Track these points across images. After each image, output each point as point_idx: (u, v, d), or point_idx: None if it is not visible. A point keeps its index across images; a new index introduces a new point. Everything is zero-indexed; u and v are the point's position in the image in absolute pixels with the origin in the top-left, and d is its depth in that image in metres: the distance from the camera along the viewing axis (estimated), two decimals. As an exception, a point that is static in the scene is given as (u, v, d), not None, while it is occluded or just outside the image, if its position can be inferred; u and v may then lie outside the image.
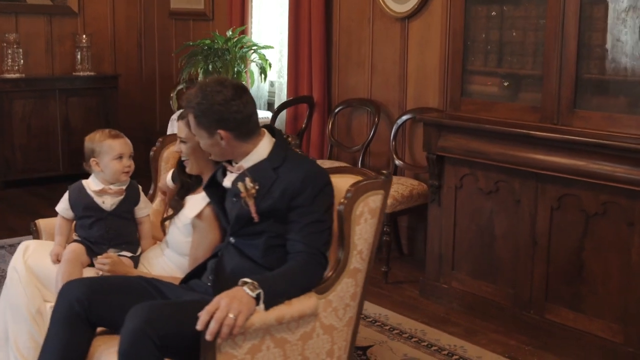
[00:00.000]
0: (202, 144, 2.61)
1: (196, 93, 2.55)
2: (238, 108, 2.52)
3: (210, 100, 2.51)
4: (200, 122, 2.54)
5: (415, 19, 4.82)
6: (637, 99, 3.40)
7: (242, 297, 2.23)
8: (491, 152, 3.78)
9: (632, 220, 3.30)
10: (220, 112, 2.50)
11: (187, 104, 2.58)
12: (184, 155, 2.84)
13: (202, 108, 2.52)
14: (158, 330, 2.24)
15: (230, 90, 2.53)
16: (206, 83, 2.57)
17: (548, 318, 3.67)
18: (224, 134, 2.53)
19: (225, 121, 2.52)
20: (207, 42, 5.59)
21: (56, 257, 2.88)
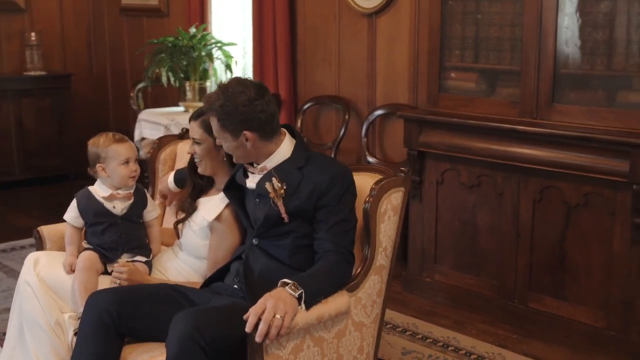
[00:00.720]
0: (226, 146, 2.60)
1: (218, 95, 2.54)
2: (262, 107, 2.53)
3: (234, 102, 2.50)
4: (224, 124, 2.53)
5: (383, 14, 4.87)
6: (614, 93, 3.54)
7: (286, 298, 2.24)
8: (474, 147, 3.86)
9: (614, 210, 3.43)
10: (245, 112, 2.50)
11: (209, 106, 2.56)
12: (198, 157, 2.82)
13: (227, 110, 2.51)
14: (206, 336, 2.25)
15: (252, 90, 2.54)
16: (227, 85, 2.57)
17: (532, 307, 3.78)
18: (250, 135, 2.53)
19: (250, 122, 2.52)
20: (170, 40, 5.52)
21: (70, 267, 2.84)
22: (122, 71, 7.11)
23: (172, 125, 5.27)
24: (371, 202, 2.55)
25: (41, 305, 2.75)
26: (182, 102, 5.60)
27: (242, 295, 2.58)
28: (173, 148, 3.49)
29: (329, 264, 2.46)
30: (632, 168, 3.29)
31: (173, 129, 5.25)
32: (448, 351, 3.55)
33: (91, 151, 2.92)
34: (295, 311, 2.26)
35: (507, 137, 3.74)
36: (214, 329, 2.29)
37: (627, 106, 3.48)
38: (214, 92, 2.59)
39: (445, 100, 4.10)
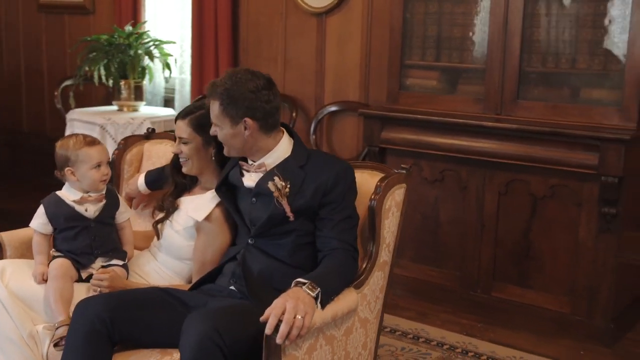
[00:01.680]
0: (223, 134, 2.53)
1: (225, 80, 2.49)
2: (268, 98, 2.50)
3: (241, 87, 2.46)
4: (226, 108, 2.47)
5: (334, 14, 4.92)
6: (578, 90, 3.73)
7: (304, 298, 2.18)
8: (439, 142, 3.96)
9: (580, 201, 3.61)
10: (251, 99, 2.46)
11: (212, 90, 2.50)
12: (185, 156, 2.73)
13: (232, 94, 2.45)
14: (224, 337, 2.17)
15: (262, 79, 2.51)
16: (236, 71, 2.52)
17: (495, 296, 3.91)
18: (251, 122, 2.48)
19: (254, 110, 2.47)
20: (104, 37, 5.35)
21: (42, 276, 2.67)
22: (38, 70, 6.81)
23: (108, 124, 5.10)
24: (377, 199, 2.55)
25: (12, 318, 2.57)
26: (116, 101, 5.42)
27: (240, 296, 2.49)
28: (139, 149, 3.34)
29: (338, 261, 2.43)
30: (601, 161, 3.47)
31: (109, 129, 5.09)
32: (420, 343, 3.60)
33: (59, 154, 2.75)
34: (314, 311, 2.21)
35: (472, 132, 3.86)
36: (231, 329, 2.21)
37: (590, 102, 3.67)
38: (220, 79, 2.53)
39: (405, 97, 4.19)
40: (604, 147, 3.46)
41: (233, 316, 2.27)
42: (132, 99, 5.37)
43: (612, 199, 3.48)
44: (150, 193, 3.08)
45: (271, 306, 2.15)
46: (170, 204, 2.81)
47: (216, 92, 2.49)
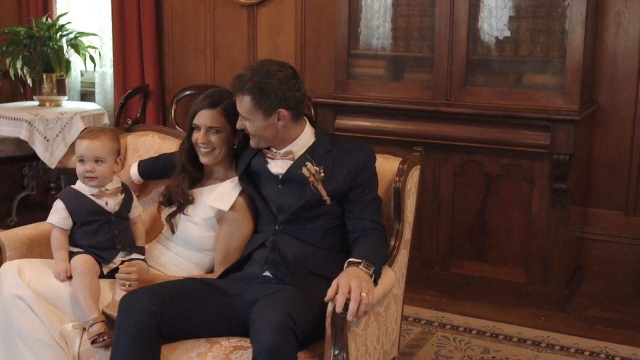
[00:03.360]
0: (254, 126, 2.57)
1: (252, 74, 2.53)
2: (298, 87, 2.58)
3: (272, 79, 2.51)
4: (259, 102, 2.52)
5: (264, 6, 4.98)
6: (522, 76, 4.02)
7: (364, 276, 2.29)
8: (393, 128, 4.14)
9: (532, 178, 3.91)
10: (283, 90, 2.52)
11: (240, 85, 2.53)
12: (212, 146, 2.71)
13: (263, 87, 2.50)
14: (296, 322, 2.25)
15: (289, 69, 2.58)
16: (263, 63, 2.58)
17: (453, 272, 4.16)
18: (285, 113, 2.55)
19: (287, 100, 2.54)
20: (21, 29, 5.13)
21: (65, 273, 2.63)
22: None
23: (36, 120, 4.90)
24: (402, 181, 2.70)
25: (40, 320, 2.54)
26: (38, 95, 5.22)
27: (276, 281, 2.56)
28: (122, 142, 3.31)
29: (376, 241, 2.54)
30: (552, 140, 3.78)
31: (38, 125, 4.90)
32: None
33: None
34: (374, 288, 2.34)
35: (426, 117, 4.06)
36: (299, 314, 2.29)
37: (534, 87, 3.97)
38: (246, 72, 2.56)
39: (354, 86, 4.33)
40: (555, 128, 3.76)
41: (297, 301, 2.36)
42: (55, 94, 5.18)
43: (563, 175, 3.79)
44: (143, 183, 3.06)
45: (334, 286, 2.25)
46: (183, 196, 2.78)
47: (246, 87, 2.52)
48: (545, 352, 3.46)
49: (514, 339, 3.58)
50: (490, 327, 3.70)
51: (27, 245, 2.87)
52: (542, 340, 3.57)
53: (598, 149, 4.19)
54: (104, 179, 2.72)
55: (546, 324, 3.76)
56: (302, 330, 2.28)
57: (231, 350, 2.40)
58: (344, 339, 2.29)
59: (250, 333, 2.33)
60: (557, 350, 3.48)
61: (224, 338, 2.46)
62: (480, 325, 3.73)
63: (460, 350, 3.46)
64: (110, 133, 2.77)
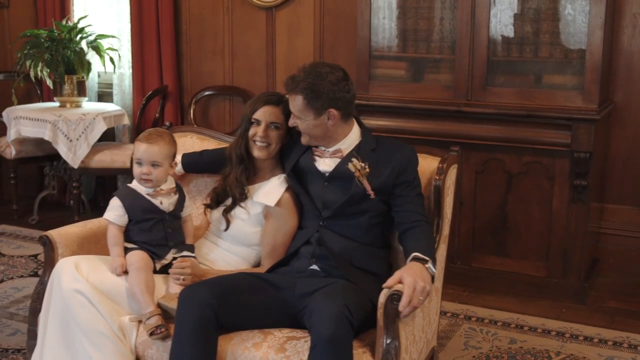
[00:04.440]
0: (305, 125, 2.69)
1: (305, 75, 2.65)
2: (348, 88, 2.71)
3: (323, 80, 2.64)
4: (310, 102, 2.64)
5: (283, 8, 5.09)
6: (541, 76, 4.14)
7: (428, 279, 2.42)
8: (416, 127, 4.25)
9: (553, 175, 4.04)
10: (334, 91, 2.65)
11: (293, 85, 2.65)
12: (268, 141, 2.82)
13: (315, 88, 2.62)
14: (352, 312, 2.38)
15: (340, 71, 2.70)
16: (316, 65, 2.70)
17: (475, 266, 4.28)
18: (335, 112, 2.67)
19: (337, 100, 2.67)
20: (42, 32, 5.21)
21: (122, 268, 2.73)
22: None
23: (59, 121, 4.99)
24: (442, 180, 2.82)
25: (100, 313, 2.63)
26: (59, 96, 5.30)
27: (323, 275, 2.68)
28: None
29: (429, 234, 2.67)
30: (573, 139, 3.90)
31: (62, 126, 4.99)
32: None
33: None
34: (432, 290, 2.48)
35: (448, 116, 4.18)
36: (352, 304, 2.42)
37: (553, 87, 4.09)
38: (299, 73, 2.68)
39: (375, 87, 4.44)
40: (575, 127, 3.89)
41: (349, 293, 2.48)
42: (75, 95, 5.27)
43: (583, 172, 3.92)
44: (183, 175, 3.17)
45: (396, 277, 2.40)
46: (240, 191, 2.89)
47: (299, 87, 2.65)
48: (570, 342, 3.58)
49: (539, 330, 3.71)
50: (514, 319, 3.82)
51: (77, 243, 2.96)
52: (566, 331, 3.69)
53: (614, 146, 4.33)
54: (158, 181, 2.82)
55: (567, 316, 3.89)
56: (356, 320, 2.40)
57: (285, 340, 2.50)
58: (396, 328, 2.41)
59: (307, 323, 2.45)
60: (581, 340, 3.60)
61: (276, 329, 2.58)
62: (504, 317, 3.85)
63: (488, 341, 3.58)
64: (168, 137, 2.86)
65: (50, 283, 2.74)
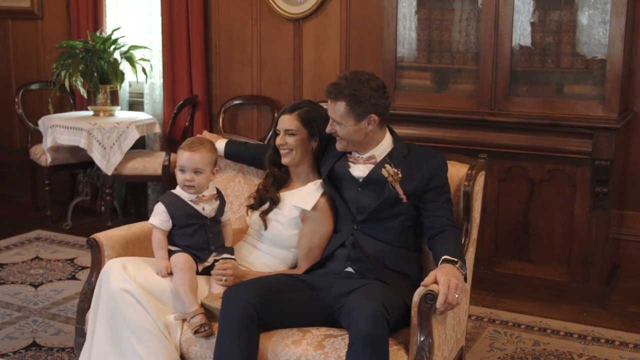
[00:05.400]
0: (346, 130, 2.83)
1: (348, 82, 2.80)
2: (386, 95, 2.87)
3: (366, 87, 2.79)
4: (352, 108, 2.79)
5: (310, 20, 5.24)
6: (562, 86, 4.27)
7: (460, 277, 2.56)
8: (441, 136, 4.39)
9: (574, 182, 4.16)
10: (375, 97, 2.80)
11: (337, 91, 2.80)
12: (290, 147, 3.00)
13: (358, 94, 2.77)
14: (388, 310, 2.52)
15: (379, 79, 2.87)
16: (357, 73, 2.84)
17: (498, 271, 4.41)
18: (375, 118, 2.82)
19: (378, 106, 2.82)
20: (77, 43, 5.40)
21: (166, 270, 2.88)
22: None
23: (94, 129, 5.17)
24: (471, 185, 2.95)
25: (147, 311, 2.78)
26: (92, 105, 5.48)
27: (358, 276, 2.82)
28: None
29: (458, 238, 2.81)
30: (594, 147, 4.03)
31: (96, 134, 5.16)
32: (439, 316, 4.03)
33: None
34: (466, 289, 2.64)
35: (472, 125, 4.32)
36: (390, 303, 2.56)
37: (574, 96, 4.22)
38: (341, 80, 2.83)
39: (401, 96, 4.58)
40: (597, 135, 4.02)
41: (385, 293, 2.62)
42: (109, 104, 5.44)
43: (604, 179, 4.04)
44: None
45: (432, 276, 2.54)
46: (273, 195, 3.06)
47: (342, 94, 2.79)
48: (592, 344, 3.70)
49: (561, 333, 3.82)
50: (537, 322, 3.94)
51: (122, 245, 3.12)
52: (588, 334, 3.81)
53: (634, 154, 4.45)
54: (201, 187, 2.97)
55: (589, 320, 4.00)
56: (391, 318, 2.54)
57: (323, 338, 2.65)
58: (429, 326, 2.55)
59: (344, 322, 2.60)
60: (602, 343, 3.72)
61: (314, 328, 2.72)
62: (527, 320, 3.97)
63: (512, 343, 3.71)
64: (209, 145, 3.01)
65: (99, 283, 2.89)
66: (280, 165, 3.09)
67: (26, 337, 3.72)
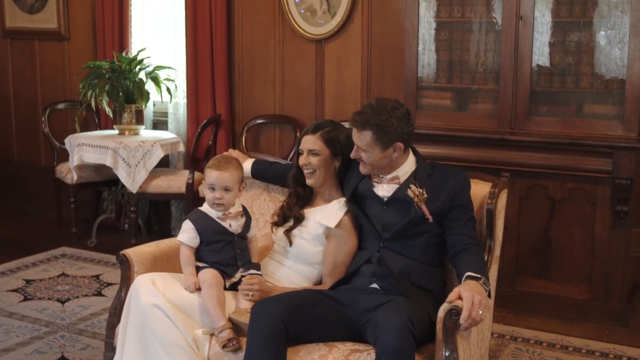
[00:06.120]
0: (372, 157, 2.89)
1: (374, 111, 2.86)
2: (411, 122, 2.93)
3: (392, 117, 2.85)
4: (379, 137, 2.85)
5: (332, 40, 5.33)
6: (582, 106, 4.32)
7: (484, 293, 2.61)
8: (460, 155, 4.45)
9: (595, 201, 4.20)
10: (401, 126, 2.86)
11: (363, 121, 2.85)
12: (313, 167, 3.06)
13: (385, 124, 2.83)
14: (415, 325, 2.56)
15: (404, 106, 2.93)
16: (383, 101, 2.90)
17: (519, 289, 4.44)
18: (400, 145, 2.89)
19: (403, 134, 2.88)
20: (103, 64, 5.52)
21: (194, 285, 2.93)
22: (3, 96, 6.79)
23: (120, 148, 5.27)
24: (494, 203, 3.00)
25: (176, 326, 2.83)
26: (118, 124, 5.58)
27: (383, 292, 2.87)
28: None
29: (480, 256, 2.85)
30: (614, 166, 4.07)
31: (122, 153, 5.26)
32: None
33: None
34: (489, 305, 2.68)
35: (493, 144, 4.37)
36: (415, 318, 2.61)
37: (594, 116, 4.26)
38: (367, 109, 2.88)
39: (422, 116, 4.65)
40: (617, 154, 4.06)
41: (411, 307, 2.66)
42: (134, 123, 5.54)
43: (625, 198, 4.08)
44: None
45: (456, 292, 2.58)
46: (298, 214, 3.12)
47: (368, 124, 2.85)
48: (613, 362, 3.73)
49: (583, 351, 3.85)
50: (559, 340, 3.97)
51: (151, 261, 3.19)
52: (610, 352, 3.83)
53: (651, 173, 4.48)
54: (229, 204, 3.04)
55: (610, 338, 4.03)
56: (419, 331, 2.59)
57: (349, 352, 2.69)
58: (454, 341, 2.59)
59: (370, 337, 2.65)
60: (624, 360, 3.75)
61: (340, 342, 2.76)
62: (549, 338, 4.00)
63: (534, 361, 3.74)
64: (237, 163, 3.08)
65: (129, 298, 2.96)
66: (304, 185, 3.16)
67: (54, 351, 3.80)
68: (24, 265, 5.13)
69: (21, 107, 6.70)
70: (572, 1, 4.25)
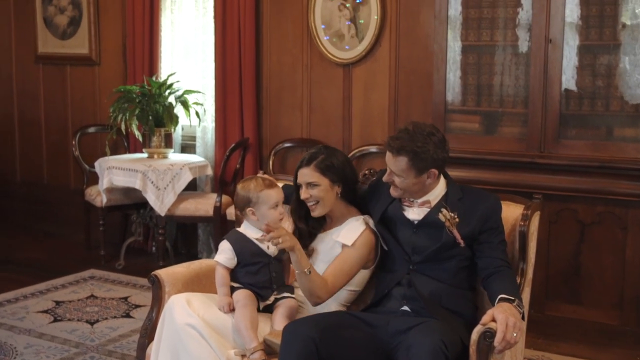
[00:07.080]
0: (405, 182, 2.88)
1: (410, 136, 2.84)
2: (447, 149, 2.93)
3: (428, 144, 2.83)
4: (415, 164, 2.83)
5: (360, 65, 5.37)
6: (612, 129, 4.30)
7: (517, 315, 2.60)
8: (489, 178, 4.44)
9: (626, 225, 4.17)
10: (437, 153, 2.86)
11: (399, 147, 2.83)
12: (315, 199, 3.03)
13: (420, 151, 2.82)
14: (447, 346, 2.56)
15: (440, 133, 2.92)
16: (418, 126, 2.88)
17: (548, 314, 4.40)
18: (435, 172, 2.89)
19: (439, 161, 2.88)
20: (134, 88, 5.59)
21: (229, 306, 2.94)
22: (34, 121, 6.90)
23: (149, 171, 5.32)
24: (527, 225, 2.99)
25: (210, 346, 2.83)
26: (147, 148, 5.64)
27: (414, 315, 2.87)
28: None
29: (513, 277, 2.85)
30: (646, 189, 4.05)
31: (151, 176, 5.31)
32: (490, 358, 4.03)
33: (242, 195, 3.03)
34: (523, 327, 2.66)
35: (521, 168, 4.36)
36: (448, 340, 2.60)
37: (624, 139, 4.24)
38: (402, 134, 2.86)
39: (450, 139, 4.60)
40: (648, 178, 4.04)
41: (443, 330, 2.66)
42: (163, 147, 5.60)
43: (656, 222, 4.05)
44: None
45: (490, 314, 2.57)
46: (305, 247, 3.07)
47: (404, 150, 2.83)
48: (646, 388, 3.67)
49: (614, 376, 3.81)
50: (589, 365, 3.93)
51: (182, 282, 3.20)
52: (642, 377, 3.79)
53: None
54: None
55: (642, 363, 3.98)
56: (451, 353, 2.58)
57: (380, 375, 2.69)
58: (487, 364, 2.57)
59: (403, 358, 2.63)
60: (657, 387, 3.69)
61: (369, 365, 2.76)
62: (579, 363, 3.96)
63: (565, 386, 3.70)
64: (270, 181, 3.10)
65: (162, 318, 2.97)
66: (307, 217, 3.14)
67: (84, 372, 3.83)
68: (54, 287, 5.18)
69: (52, 131, 6.80)
70: (601, 24, 4.26)
